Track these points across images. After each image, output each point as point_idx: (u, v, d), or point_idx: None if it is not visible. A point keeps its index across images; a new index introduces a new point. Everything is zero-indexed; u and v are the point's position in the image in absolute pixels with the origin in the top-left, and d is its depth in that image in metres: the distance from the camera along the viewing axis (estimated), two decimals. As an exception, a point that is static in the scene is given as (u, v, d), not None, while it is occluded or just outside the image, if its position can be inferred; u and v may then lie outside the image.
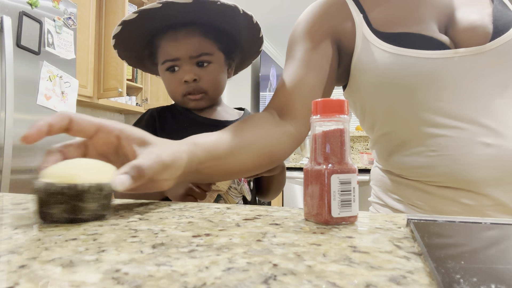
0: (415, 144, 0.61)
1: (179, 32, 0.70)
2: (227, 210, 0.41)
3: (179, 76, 0.71)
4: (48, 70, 1.93)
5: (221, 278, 0.19)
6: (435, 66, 0.57)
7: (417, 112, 0.60)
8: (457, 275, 0.18)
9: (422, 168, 0.61)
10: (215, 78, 0.73)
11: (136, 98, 3.40)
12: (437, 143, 0.58)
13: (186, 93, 0.72)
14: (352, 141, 3.68)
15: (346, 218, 0.34)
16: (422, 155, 0.60)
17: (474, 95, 0.57)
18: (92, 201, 0.34)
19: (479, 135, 0.56)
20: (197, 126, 0.74)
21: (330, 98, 0.37)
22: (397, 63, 0.58)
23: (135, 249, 0.25)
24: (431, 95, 0.58)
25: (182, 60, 0.70)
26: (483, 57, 0.56)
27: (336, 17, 0.66)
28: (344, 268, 0.21)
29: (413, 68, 0.58)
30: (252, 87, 4.97)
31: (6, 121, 1.63)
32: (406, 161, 0.63)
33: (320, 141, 0.36)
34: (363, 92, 0.66)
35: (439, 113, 0.58)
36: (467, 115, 0.56)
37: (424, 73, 0.57)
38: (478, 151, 0.55)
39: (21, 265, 0.21)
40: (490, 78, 0.56)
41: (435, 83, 0.57)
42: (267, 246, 0.26)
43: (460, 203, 0.58)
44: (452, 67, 0.57)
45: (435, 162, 0.59)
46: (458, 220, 0.32)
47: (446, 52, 0.57)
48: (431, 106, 0.58)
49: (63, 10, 2.05)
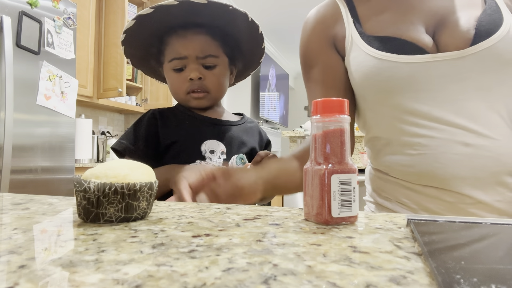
0: (398, 143, 0.63)
1: (189, 31, 0.73)
2: (227, 210, 0.41)
3: (185, 74, 0.73)
4: (47, 70, 1.92)
5: (221, 278, 0.19)
6: (411, 70, 0.59)
7: (397, 113, 0.62)
8: (457, 275, 0.18)
9: (405, 166, 0.63)
10: (219, 80, 0.75)
11: (136, 98, 3.39)
12: (417, 142, 0.60)
13: (190, 90, 0.74)
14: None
15: (346, 218, 0.34)
16: (404, 154, 0.63)
17: (453, 98, 0.58)
18: (143, 200, 0.35)
19: (458, 135, 0.57)
20: (198, 124, 0.76)
21: (330, 98, 0.37)
22: (377, 66, 0.61)
23: (135, 249, 0.25)
24: (408, 97, 0.60)
25: (189, 59, 0.72)
26: (463, 61, 0.58)
27: (330, 24, 0.70)
28: (344, 268, 0.21)
29: (390, 72, 0.60)
30: (252, 87, 4.97)
31: (6, 121, 1.63)
32: (391, 160, 0.65)
33: (320, 141, 0.36)
34: (356, 93, 0.70)
35: (417, 114, 0.60)
36: (445, 117, 0.58)
37: (400, 77, 0.60)
38: (456, 151, 0.57)
39: (21, 265, 0.21)
40: (471, 82, 0.58)
41: (412, 86, 0.60)
42: (267, 246, 0.26)
43: (443, 200, 0.59)
44: (429, 71, 0.59)
45: (415, 161, 0.61)
46: (458, 220, 0.32)
47: (423, 57, 0.59)
48: (410, 108, 0.61)
49: (63, 10, 2.05)
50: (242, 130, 0.79)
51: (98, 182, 0.33)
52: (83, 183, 0.33)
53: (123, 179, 0.34)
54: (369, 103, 0.67)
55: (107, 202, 0.33)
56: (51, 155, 1.94)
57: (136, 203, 0.34)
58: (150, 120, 0.75)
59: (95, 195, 0.33)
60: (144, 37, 0.76)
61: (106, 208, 0.33)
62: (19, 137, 1.74)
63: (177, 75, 0.74)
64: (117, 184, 0.33)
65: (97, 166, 0.35)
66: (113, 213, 0.33)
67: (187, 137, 0.73)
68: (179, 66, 0.73)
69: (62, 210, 0.41)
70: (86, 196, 0.33)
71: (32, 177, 1.83)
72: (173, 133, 0.73)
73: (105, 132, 3.10)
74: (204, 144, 0.73)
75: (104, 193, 0.33)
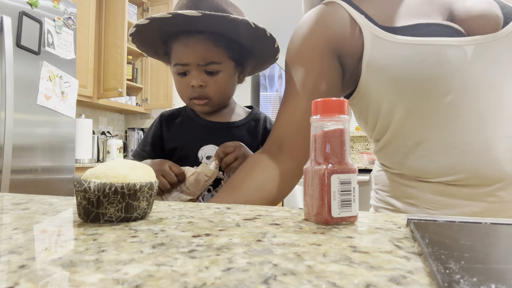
0: (435, 142, 0.59)
1: (190, 38, 0.72)
2: (227, 210, 0.41)
3: (187, 81, 0.73)
4: (48, 70, 1.92)
5: (221, 278, 0.19)
6: (457, 53, 0.55)
7: (438, 105, 0.57)
8: (457, 275, 0.18)
9: (444, 167, 0.59)
10: (221, 86, 0.74)
11: (136, 98, 3.40)
12: (460, 139, 0.56)
13: (192, 97, 0.74)
14: (352, 141, 3.67)
15: (346, 218, 0.34)
16: (443, 153, 0.58)
17: (494, 84, 0.56)
18: (143, 200, 0.35)
19: (501, 128, 0.55)
20: (198, 128, 0.77)
21: (330, 98, 0.37)
22: (419, 53, 0.56)
23: (135, 249, 0.25)
24: (455, 84, 0.55)
25: (191, 66, 0.72)
26: (497, 44, 0.56)
27: (332, 25, 0.63)
28: (344, 268, 0.21)
29: (437, 56, 0.55)
30: (252, 87, 4.96)
31: (6, 121, 1.63)
32: (424, 162, 0.60)
33: (320, 141, 0.36)
34: (378, 92, 0.63)
35: (461, 106, 0.55)
36: (489, 108, 0.55)
37: (448, 61, 0.55)
38: (504, 146, 0.55)
39: (21, 265, 0.21)
40: (505, 66, 0.56)
41: (459, 72, 0.55)
42: (267, 246, 0.26)
43: (481, 201, 0.57)
44: (471, 54, 0.55)
45: (457, 160, 0.57)
46: (458, 220, 0.32)
47: (465, 40, 0.55)
48: (455, 98, 0.56)
49: (63, 10, 2.05)
50: (244, 131, 0.79)
51: (98, 182, 0.33)
52: (83, 183, 0.33)
53: (123, 179, 0.34)
54: (403, 97, 0.60)
55: (107, 202, 0.33)
56: (51, 155, 1.94)
57: (136, 203, 0.34)
58: (157, 125, 0.78)
59: (95, 195, 0.33)
60: (150, 40, 0.76)
61: (106, 208, 0.33)
62: (19, 137, 1.75)
63: (181, 80, 0.74)
64: (117, 184, 0.33)
65: (97, 166, 0.35)
66: (113, 213, 0.33)
67: (187, 142, 0.75)
68: (182, 71, 0.74)
69: (62, 210, 0.41)
70: (86, 196, 0.33)
71: (32, 177, 1.84)
72: (175, 138, 0.76)
73: (105, 132, 3.10)
74: (201, 150, 0.74)
75: (104, 193, 0.33)
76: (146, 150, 0.76)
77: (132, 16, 3.17)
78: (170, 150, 0.75)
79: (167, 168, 0.68)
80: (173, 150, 0.75)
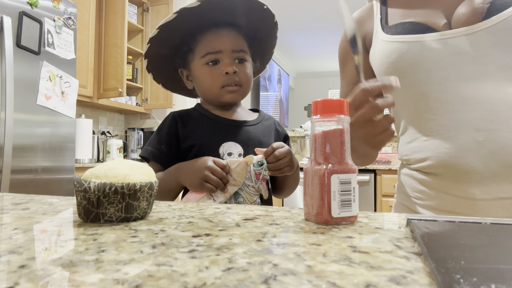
0: (412, 131, 0.63)
1: (222, 28, 0.77)
2: (227, 210, 0.41)
3: (220, 69, 0.75)
4: (48, 70, 1.92)
5: (221, 278, 0.19)
6: (420, 48, 0.58)
7: (407, 97, 0.62)
8: (457, 275, 0.18)
9: (418, 153, 0.62)
10: (249, 74, 0.79)
11: (136, 98, 3.39)
12: (428, 127, 0.60)
13: (225, 84, 0.76)
14: (352, 141, 3.67)
15: (346, 218, 0.34)
16: (417, 141, 0.62)
17: (468, 77, 0.56)
18: (143, 200, 0.35)
19: (469, 120, 0.55)
20: (216, 126, 0.78)
21: (330, 98, 0.37)
22: (388, 49, 0.62)
23: (135, 249, 0.25)
24: (419, 78, 0.60)
25: (224, 53, 0.75)
26: (475, 37, 0.55)
27: (365, 23, 0.72)
28: (344, 268, 0.21)
29: (399, 52, 0.60)
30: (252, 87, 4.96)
31: (6, 121, 1.63)
32: (408, 147, 0.65)
33: (320, 141, 0.36)
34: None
35: (428, 97, 0.59)
36: (460, 100, 0.56)
37: (409, 57, 0.59)
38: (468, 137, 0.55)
39: (21, 265, 0.21)
40: (491, 60, 0.55)
41: (422, 66, 0.59)
42: (267, 246, 0.26)
43: (456, 196, 0.57)
44: (438, 49, 0.57)
45: (427, 147, 0.60)
46: (458, 220, 0.32)
47: (430, 35, 0.58)
48: (421, 91, 0.60)
49: (63, 10, 2.05)
50: (260, 130, 0.81)
51: (98, 182, 0.33)
52: (83, 183, 0.33)
53: (123, 179, 0.34)
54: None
55: (107, 202, 0.33)
56: (51, 155, 1.94)
57: (136, 203, 0.34)
58: (171, 123, 0.78)
59: (95, 195, 0.33)
60: (181, 33, 0.78)
61: (106, 208, 0.33)
62: (20, 137, 1.74)
63: (211, 70, 0.76)
64: (117, 184, 0.33)
65: (97, 166, 0.35)
66: (113, 213, 0.33)
67: (206, 139, 0.76)
68: (214, 59, 0.75)
69: (62, 210, 0.41)
70: (86, 196, 0.33)
71: (32, 177, 1.83)
72: (193, 136, 0.76)
73: (105, 132, 3.10)
74: (222, 147, 0.75)
75: (104, 193, 0.33)
76: (161, 149, 0.76)
77: (132, 16, 3.17)
78: (188, 147, 0.75)
79: (213, 164, 0.67)
80: (190, 147, 0.75)
